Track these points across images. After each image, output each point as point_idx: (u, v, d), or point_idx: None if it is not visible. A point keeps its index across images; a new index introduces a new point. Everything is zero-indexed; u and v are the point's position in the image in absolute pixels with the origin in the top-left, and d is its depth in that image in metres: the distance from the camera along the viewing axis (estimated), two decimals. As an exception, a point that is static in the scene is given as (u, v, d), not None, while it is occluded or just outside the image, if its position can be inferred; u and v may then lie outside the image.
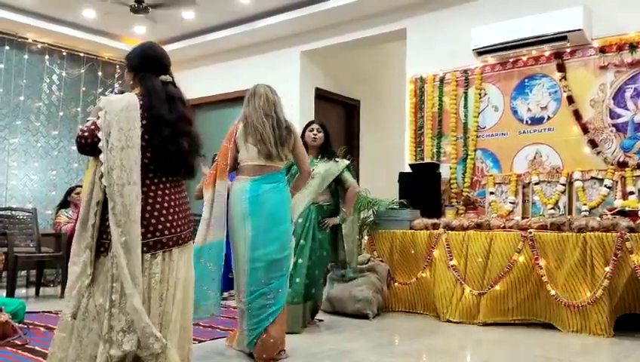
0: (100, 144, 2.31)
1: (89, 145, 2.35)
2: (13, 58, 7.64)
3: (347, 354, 3.83)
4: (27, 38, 7.73)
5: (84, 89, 8.25)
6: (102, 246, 2.34)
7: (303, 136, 4.77)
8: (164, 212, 2.40)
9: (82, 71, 8.27)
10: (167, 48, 8.31)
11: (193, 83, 8.59)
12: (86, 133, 2.35)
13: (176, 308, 2.38)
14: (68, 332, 2.33)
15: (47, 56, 7.96)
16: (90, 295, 2.31)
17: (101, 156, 2.30)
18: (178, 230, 2.43)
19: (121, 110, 2.34)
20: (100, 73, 8.45)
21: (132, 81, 2.58)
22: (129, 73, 2.60)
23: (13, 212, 6.66)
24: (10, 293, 5.77)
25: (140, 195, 2.32)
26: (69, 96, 8.16)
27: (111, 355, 2.22)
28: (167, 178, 2.46)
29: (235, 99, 8.23)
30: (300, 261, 4.50)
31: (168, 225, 2.39)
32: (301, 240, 4.54)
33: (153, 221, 2.36)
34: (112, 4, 6.78)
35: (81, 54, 8.27)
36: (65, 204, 6.96)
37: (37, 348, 3.75)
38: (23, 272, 7.14)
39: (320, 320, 4.90)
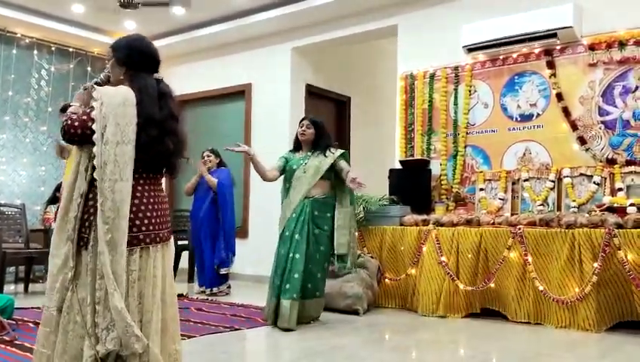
0: (95, 136, 2.25)
1: (78, 136, 2.30)
2: (2, 53, 7.57)
3: (338, 349, 3.84)
4: (16, 33, 7.66)
5: (73, 84, 8.19)
6: (81, 240, 2.30)
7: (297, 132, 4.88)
8: (143, 208, 2.37)
9: (71, 66, 8.21)
10: (157, 43, 8.19)
11: (183, 79, 8.56)
12: (76, 123, 2.30)
13: (156, 306, 2.35)
14: (53, 326, 2.32)
15: (35, 51, 7.90)
16: (74, 288, 2.28)
17: (95, 149, 2.25)
18: (156, 228, 2.40)
19: (118, 105, 2.30)
20: (89, 68, 8.39)
21: (121, 75, 2.50)
22: (119, 67, 2.51)
23: (2, 208, 6.61)
24: (-1, 289, 5.74)
25: (130, 192, 2.29)
26: (58, 92, 8.10)
27: (97, 351, 2.22)
28: (149, 175, 2.44)
29: (225, 96, 8.22)
30: (296, 256, 4.49)
31: (146, 221, 2.37)
32: (296, 235, 4.53)
33: (131, 216, 2.32)
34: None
35: (70, 49, 8.20)
36: (54, 199, 6.91)
37: (26, 344, 3.73)
38: (12, 268, 7.10)
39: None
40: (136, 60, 2.50)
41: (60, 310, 2.29)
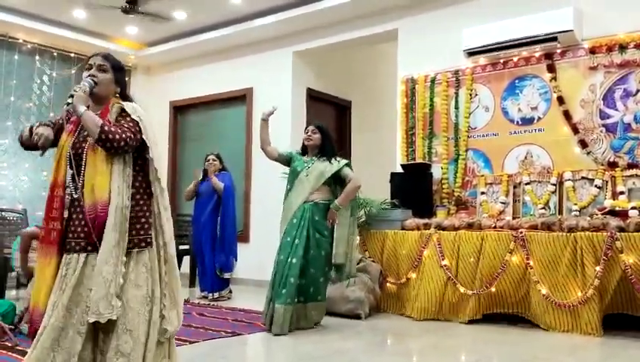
0: (151, 154, 2.48)
1: (132, 148, 2.45)
2: (4, 58, 7.59)
3: (340, 354, 3.84)
4: (17, 39, 7.68)
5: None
6: (143, 241, 2.46)
7: None
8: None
9: (73, 71, 8.22)
10: (159, 48, 8.34)
11: (185, 83, 8.59)
12: (136, 137, 2.44)
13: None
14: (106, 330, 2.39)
15: (37, 57, 7.91)
16: (131, 287, 2.40)
17: (156, 164, 2.50)
18: None
19: (150, 124, 2.52)
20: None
21: (113, 92, 2.60)
22: (114, 84, 2.60)
23: (4, 213, 6.62)
24: (1, 295, 5.73)
25: None
26: (60, 97, 8.10)
27: (164, 329, 2.47)
28: None
29: (227, 100, 8.23)
30: (293, 261, 4.49)
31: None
32: (296, 240, 4.55)
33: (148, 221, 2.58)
34: (102, 5, 6.77)
35: (72, 55, 8.22)
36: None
37: (27, 349, 3.72)
38: (13, 274, 7.10)
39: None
40: (125, 84, 2.70)
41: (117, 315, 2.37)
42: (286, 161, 4.92)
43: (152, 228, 2.49)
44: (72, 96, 2.44)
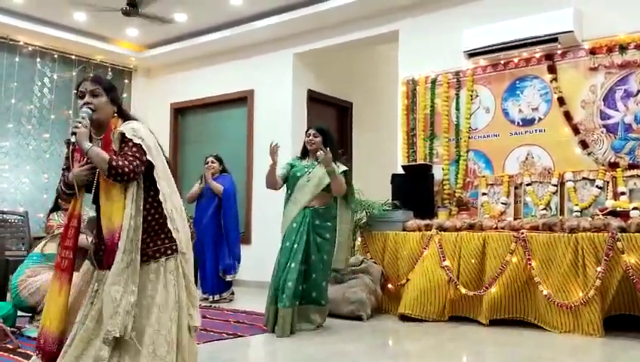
0: (156, 175, 2.50)
1: (138, 176, 2.46)
2: (4, 61, 7.59)
3: (342, 356, 3.84)
4: (18, 41, 7.69)
5: (75, 92, 8.20)
6: (169, 249, 2.55)
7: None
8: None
9: (74, 74, 8.23)
10: (159, 51, 8.34)
11: (185, 85, 8.59)
12: (140, 166, 2.43)
13: None
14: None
15: (38, 59, 7.92)
16: (165, 293, 2.50)
17: (158, 185, 2.50)
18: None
19: (149, 135, 2.53)
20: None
21: (112, 113, 2.61)
22: (111, 105, 2.61)
23: (5, 215, 6.62)
24: (2, 297, 5.73)
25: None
26: (61, 99, 8.12)
27: (191, 326, 2.65)
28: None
29: (228, 102, 8.23)
30: (292, 265, 4.50)
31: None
32: (295, 245, 4.55)
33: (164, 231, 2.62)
34: (103, 8, 6.77)
35: (73, 57, 8.22)
36: (56, 207, 6.91)
37: (29, 352, 3.72)
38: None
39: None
40: (120, 102, 2.69)
41: (123, 334, 2.41)
42: (287, 176, 4.83)
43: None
44: (74, 133, 2.44)
